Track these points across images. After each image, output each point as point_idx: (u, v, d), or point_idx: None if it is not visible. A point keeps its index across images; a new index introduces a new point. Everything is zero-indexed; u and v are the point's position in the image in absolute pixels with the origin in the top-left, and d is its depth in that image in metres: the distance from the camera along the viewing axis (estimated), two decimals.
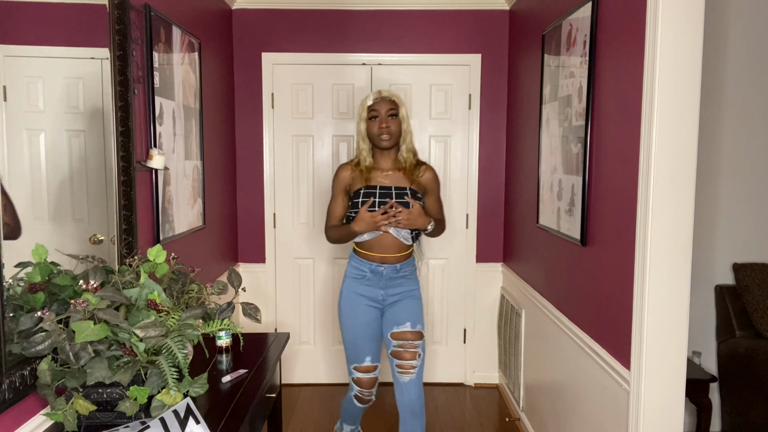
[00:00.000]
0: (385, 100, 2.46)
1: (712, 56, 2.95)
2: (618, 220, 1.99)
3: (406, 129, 2.50)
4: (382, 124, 2.43)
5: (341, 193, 2.55)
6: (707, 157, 3.00)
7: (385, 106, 2.45)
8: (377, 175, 2.51)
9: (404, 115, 2.49)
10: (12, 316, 1.42)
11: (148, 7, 2.25)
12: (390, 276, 2.50)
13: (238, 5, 3.59)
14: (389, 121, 2.44)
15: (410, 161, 2.51)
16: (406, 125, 2.49)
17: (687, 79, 1.72)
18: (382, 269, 2.49)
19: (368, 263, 2.50)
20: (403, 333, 2.48)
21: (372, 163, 2.51)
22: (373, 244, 2.48)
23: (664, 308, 1.79)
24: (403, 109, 2.48)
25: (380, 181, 2.49)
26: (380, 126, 2.43)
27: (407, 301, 2.52)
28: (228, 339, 2.07)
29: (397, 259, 2.51)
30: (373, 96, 2.48)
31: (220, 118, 3.38)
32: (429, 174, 2.57)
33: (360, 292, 2.52)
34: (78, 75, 1.85)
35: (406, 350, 2.46)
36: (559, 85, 2.59)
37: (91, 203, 1.90)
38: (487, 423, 3.34)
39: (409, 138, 2.51)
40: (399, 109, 2.47)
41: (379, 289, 2.51)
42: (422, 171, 2.54)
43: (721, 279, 3.11)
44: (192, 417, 1.47)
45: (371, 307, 2.52)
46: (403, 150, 2.51)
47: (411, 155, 2.52)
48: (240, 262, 3.77)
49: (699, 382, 2.60)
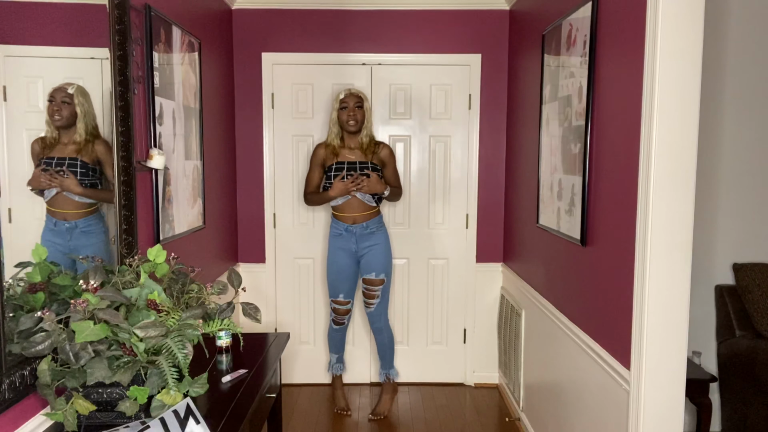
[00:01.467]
0: (353, 95, 3.21)
1: (712, 56, 2.95)
2: (618, 220, 1.99)
3: (368, 118, 3.27)
4: (350, 113, 3.19)
5: (317, 166, 3.34)
6: (707, 157, 3.00)
7: (353, 99, 3.20)
8: (345, 152, 3.27)
9: (367, 107, 3.26)
10: (12, 316, 1.42)
11: (148, 7, 2.25)
12: (360, 233, 3.29)
13: (238, 5, 3.59)
14: (356, 111, 3.20)
15: (368, 142, 3.27)
16: (368, 115, 3.26)
17: (687, 79, 1.72)
18: (354, 228, 3.28)
19: (343, 224, 3.30)
20: (370, 280, 3.35)
21: (339, 143, 3.27)
22: (345, 207, 3.27)
23: (664, 308, 1.79)
24: (366, 103, 3.25)
25: (347, 157, 3.26)
26: (348, 114, 3.19)
27: (375, 253, 3.32)
28: (228, 339, 2.07)
29: (365, 218, 3.29)
30: (344, 92, 3.22)
31: (220, 118, 3.38)
32: (386, 151, 3.33)
33: (339, 246, 3.34)
34: (78, 75, 1.85)
35: (370, 291, 3.37)
36: (559, 85, 2.59)
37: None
38: (487, 423, 3.34)
39: (369, 125, 3.28)
40: (363, 103, 3.22)
41: (353, 243, 3.31)
42: (380, 148, 3.31)
43: (721, 279, 3.11)
44: (192, 417, 1.47)
45: (347, 257, 3.35)
46: (363, 134, 3.27)
47: (368, 139, 3.28)
48: (240, 262, 3.77)
49: (699, 382, 2.59)
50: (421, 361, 3.87)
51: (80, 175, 1.74)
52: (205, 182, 3.02)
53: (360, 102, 3.21)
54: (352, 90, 3.23)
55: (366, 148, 3.26)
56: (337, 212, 3.32)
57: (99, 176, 1.86)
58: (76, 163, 1.73)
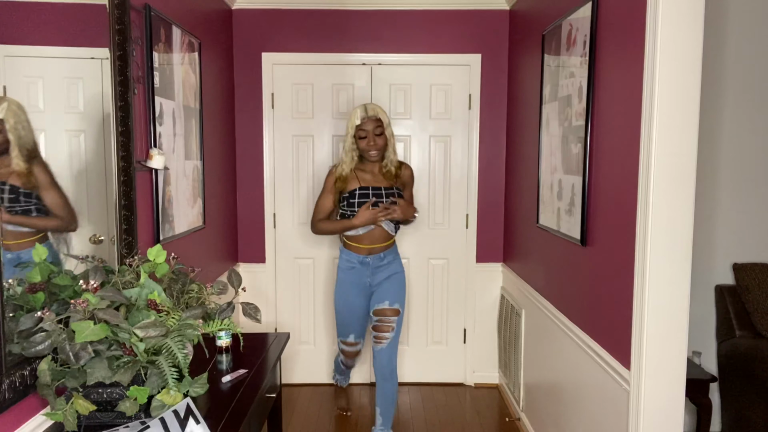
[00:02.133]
0: (371, 120, 2.82)
1: (712, 56, 2.95)
2: (618, 220, 1.99)
3: (391, 143, 2.91)
4: (370, 142, 2.84)
5: (331, 192, 2.95)
6: (707, 157, 3.00)
7: (372, 125, 2.82)
8: (367, 177, 2.92)
9: (390, 132, 2.90)
10: (12, 316, 1.42)
11: (148, 7, 2.25)
12: (376, 265, 2.94)
13: (238, 5, 3.59)
14: (376, 139, 2.84)
15: (394, 169, 2.95)
16: (391, 139, 2.91)
17: (687, 79, 1.72)
18: (368, 260, 2.93)
19: (357, 255, 2.94)
20: (383, 310, 2.92)
21: (359, 167, 2.93)
22: (364, 237, 2.91)
23: (664, 308, 1.79)
24: (388, 128, 2.88)
25: (371, 182, 2.91)
26: (368, 143, 2.84)
27: (390, 283, 2.95)
28: (228, 339, 2.07)
29: (383, 248, 2.95)
30: (360, 115, 2.82)
31: (220, 118, 3.37)
32: (407, 172, 3.04)
33: (350, 281, 2.97)
34: (78, 75, 1.85)
35: (383, 324, 2.91)
36: (559, 85, 2.59)
37: (91, 203, 1.90)
38: (487, 423, 3.34)
39: (391, 149, 2.92)
40: (384, 129, 2.85)
41: (367, 277, 2.96)
42: (402, 170, 3.00)
43: (721, 279, 3.11)
44: (192, 417, 1.47)
45: (360, 293, 2.98)
46: (387, 162, 2.94)
47: (393, 166, 2.95)
48: (240, 262, 3.77)
49: (699, 382, 2.59)
50: (421, 361, 3.87)
51: (8, 201, 1.46)
52: (205, 182, 3.02)
53: (380, 125, 2.83)
54: (368, 111, 2.82)
55: (391, 173, 2.93)
56: (351, 242, 2.94)
57: (37, 201, 1.57)
58: (4, 188, 1.46)
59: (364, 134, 2.83)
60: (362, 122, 2.82)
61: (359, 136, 2.84)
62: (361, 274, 2.95)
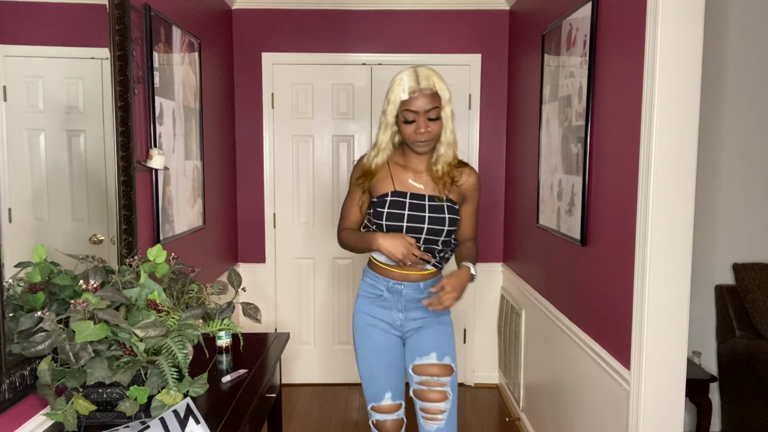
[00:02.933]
0: (424, 95, 1.84)
1: (712, 56, 2.95)
2: (618, 220, 1.99)
3: (448, 129, 1.91)
4: (420, 128, 1.86)
5: (358, 190, 2.03)
6: (707, 157, 3.00)
7: (425, 103, 1.84)
8: (406, 177, 1.98)
9: (449, 114, 1.90)
10: (12, 316, 1.42)
11: (148, 7, 2.25)
12: (411, 296, 2.01)
13: (238, 5, 3.59)
14: (429, 125, 1.87)
15: (446, 169, 1.96)
16: (448, 124, 1.90)
17: (687, 79, 1.72)
18: (401, 287, 2.00)
19: (385, 280, 2.02)
20: (427, 367, 1.97)
21: (400, 161, 2.00)
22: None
23: (664, 308, 1.79)
24: (448, 106, 1.89)
25: (411, 186, 1.97)
26: (417, 130, 1.86)
27: (433, 327, 2.03)
28: (228, 339, 2.07)
29: (422, 277, 2.02)
30: (408, 85, 1.84)
31: (220, 118, 3.37)
32: (473, 179, 2.02)
33: (375, 314, 2.04)
34: (78, 75, 1.85)
35: (431, 389, 1.97)
36: (559, 85, 2.59)
37: (91, 203, 1.90)
38: (487, 423, 3.34)
39: (447, 140, 1.92)
40: (442, 109, 1.87)
41: (398, 312, 2.02)
42: (465, 175, 2.00)
43: (721, 279, 3.11)
44: (192, 417, 1.47)
45: (388, 332, 2.04)
46: (438, 159, 1.95)
47: (445, 166, 1.96)
48: (240, 262, 3.77)
49: (699, 382, 2.59)
50: None
51: None
52: (205, 182, 3.02)
53: (437, 104, 1.86)
54: (421, 80, 1.85)
55: (441, 176, 1.97)
56: (379, 262, 2.03)
57: None
58: None
59: (412, 117, 1.86)
60: (411, 97, 1.85)
61: (405, 119, 1.88)
62: (390, 307, 2.03)
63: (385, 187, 1.98)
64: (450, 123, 1.91)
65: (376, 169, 1.99)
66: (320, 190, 3.73)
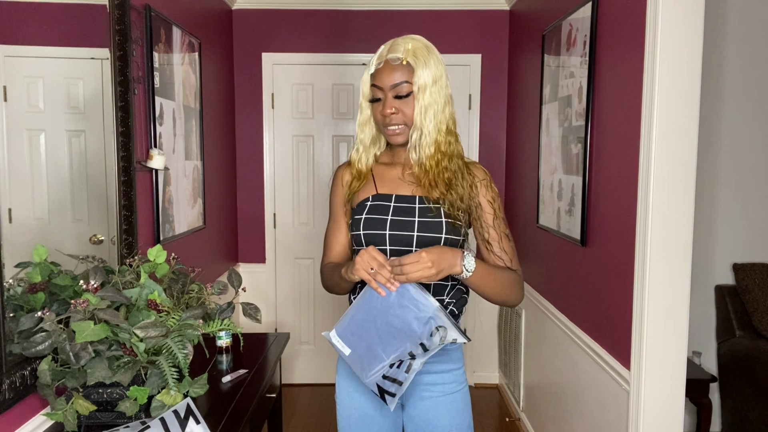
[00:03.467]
0: (391, 66, 1.41)
1: (712, 56, 2.95)
2: (618, 220, 1.99)
3: (431, 110, 1.42)
4: (386, 108, 1.43)
5: (340, 210, 1.57)
6: (707, 157, 3.00)
7: (391, 76, 1.41)
8: (394, 174, 1.52)
9: (429, 92, 1.41)
10: (12, 316, 1.42)
11: (148, 7, 2.25)
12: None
13: (238, 5, 3.59)
14: (396, 104, 1.42)
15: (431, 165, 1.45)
16: (430, 106, 1.42)
17: (687, 79, 1.72)
18: None
19: None
20: None
21: (368, 166, 1.54)
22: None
23: (664, 308, 1.79)
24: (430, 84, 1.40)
25: (396, 188, 1.50)
26: (382, 111, 1.44)
27: (446, 395, 1.50)
28: (228, 339, 2.07)
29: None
30: (378, 56, 1.44)
31: (220, 118, 3.38)
32: (483, 184, 1.50)
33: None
34: (78, 75, 1.85)
35: None
36: (559, 85, 2.59)
37: (91, 203, 1.90)
38: (487, 423, 3.34)
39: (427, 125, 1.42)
40: (414, 85, 1.40)
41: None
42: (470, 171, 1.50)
43: (721, 279, 3.11)
44: (192, 417, 1.47)
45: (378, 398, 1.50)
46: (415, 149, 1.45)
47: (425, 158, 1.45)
48: (240, 262, 3.77)
49: (699, 382, 2.59)
50: None
51: None
52: (205, 182, 3.02)
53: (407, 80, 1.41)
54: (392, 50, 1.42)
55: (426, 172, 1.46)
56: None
57: None
58: None
59: (378, 94, 1.44)
60: (376, 70, 1.44)
61: (372, 98, 1.47)
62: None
63: (366, 192, 1.52)
64: (432, 104, 1.42)
65: (359, 174, 1.54)
66: (320, 191, 3.73)
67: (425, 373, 1.50)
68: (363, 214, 1.47)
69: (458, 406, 1.52)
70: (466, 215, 1.48)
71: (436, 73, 1.42)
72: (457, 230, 1.45)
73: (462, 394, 1.53)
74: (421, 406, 1.51)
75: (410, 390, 1.51)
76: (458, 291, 1.50)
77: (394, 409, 1.55)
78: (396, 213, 1.45)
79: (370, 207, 1.48)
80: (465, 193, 1.46)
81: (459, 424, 1.51)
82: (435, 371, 1.50)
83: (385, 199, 1.48)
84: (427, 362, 1.45)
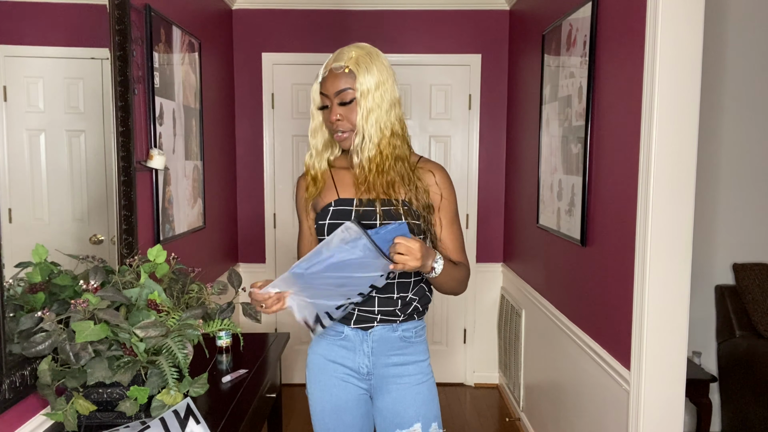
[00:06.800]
0: (334, 74, 1.48)
1: (712, 56, 2.95)
2: (618, 220, 1.99)
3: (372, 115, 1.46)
4: (332, 115, 1.50)
5: (304, 216, 1.63)
6: (707, 157, 3.00)
7: (334, 84, 1.48)
8: (352, 180, 1.55)
9: (366, 89, 1.47)
10: (12, 316, 1.42)
11: (149, 7, 2.25)
12: (383, 335, 1.55)
13: (238, 5, 3.59)
14: (340, 111, 1.49)
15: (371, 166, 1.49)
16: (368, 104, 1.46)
17: (687, 79, 1.72)
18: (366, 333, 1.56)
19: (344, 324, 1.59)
20: None
21: (321, 172, 1.58)
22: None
23: (664, 308, 1.79)
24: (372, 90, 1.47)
25: (357, 192, 1.52)
26: (329, 119, 1.51)
27: (413, 386, 1.56)
28: (228, 339, 2.07)
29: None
30: (324, 65, 1.53)
31: (220, 118, 3.38)
32: (438, 176, 1.57)
33: (333, 358, 1.60)
34: (78, 75, 1.85)
35: None
36: (559, 85, 2.59)
37: (91, 203, 1.90)
38: (487, 423, 3.34)
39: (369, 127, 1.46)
40: (357, 91, 1.46)
41: (364, 356, 1.56)
42: (422, 173, 1.55)
43: (721, 279, 3.11)
44: (192, 417, 1.47)
45: (351, 384, 1.59)
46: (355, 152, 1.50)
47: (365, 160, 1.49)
48: (240, 262, 3.77)
49: (699, 382, 2.60)
50: None
51: None
52: (205, 182, 3.02)
53: (350, 87, 1.47)
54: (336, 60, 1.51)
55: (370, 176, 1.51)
56: None
57: None
58: None
59: (325, 101, 1.53)
60: (323, 78, 1.53)
61: (322, 105, 1.55)
62: (354, 348, 1.57)
63: (329, 197, 1.55)
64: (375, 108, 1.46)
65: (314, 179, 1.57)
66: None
67: (391, 365, 1.57)
68: (327, 219, 1.52)
69: (425, 397, 1.57)
70: (424, 213, 1.54)
71: (379, 78, 1.50)
72: (419, 228, 1.53)
73: (428, 386, 1.59)
74: (389, 399, 1.57)
75: (378, 383, 1.58)
76: (421, 288, 1.58)
77: (365, 401, 1.62)
78: (359, 217, 1.51)
79: (333, 212, 1.52)
80: (412, 194, 1.52)
81: (425, 414, 1.56)
82: (401, 363, 1.57)
83: (347, 204, 1.53)
84: (393, 355, 1.57)
